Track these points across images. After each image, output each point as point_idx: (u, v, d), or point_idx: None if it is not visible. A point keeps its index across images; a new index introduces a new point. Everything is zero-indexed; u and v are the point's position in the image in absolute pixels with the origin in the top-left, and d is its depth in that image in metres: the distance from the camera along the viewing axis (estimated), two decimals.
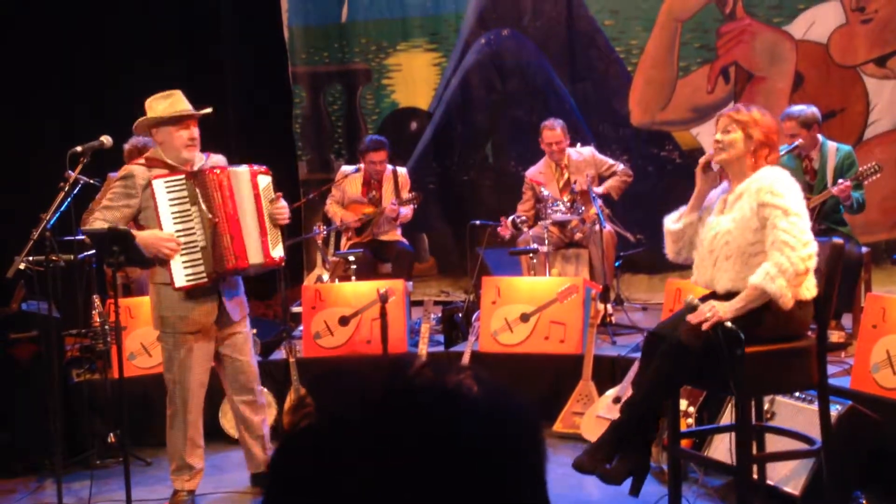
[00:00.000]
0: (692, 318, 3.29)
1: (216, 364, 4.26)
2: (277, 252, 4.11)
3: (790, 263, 3.19)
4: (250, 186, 4.08)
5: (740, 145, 3.40)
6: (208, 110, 4.10)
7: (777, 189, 3.27)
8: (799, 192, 3.33)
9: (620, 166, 6.53)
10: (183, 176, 3.97)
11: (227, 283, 4.11)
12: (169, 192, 3.93)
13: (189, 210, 3.96)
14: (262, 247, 4.06)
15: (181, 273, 3.93)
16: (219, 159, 4.21)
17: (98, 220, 3.92)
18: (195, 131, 4.04)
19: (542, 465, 0.84)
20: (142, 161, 4.08)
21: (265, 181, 4.12)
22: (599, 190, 6.33)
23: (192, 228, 3.96)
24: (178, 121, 3.98)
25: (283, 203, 4.16)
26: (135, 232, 3.93)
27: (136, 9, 7.54)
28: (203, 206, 3.96)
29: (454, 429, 0.77)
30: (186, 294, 4.00)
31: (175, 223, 3.94)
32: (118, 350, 3.90)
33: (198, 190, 3.96)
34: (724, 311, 3.24)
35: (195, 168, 4.06)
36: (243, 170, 4.12)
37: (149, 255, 3.95)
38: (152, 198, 3.92)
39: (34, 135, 7.00)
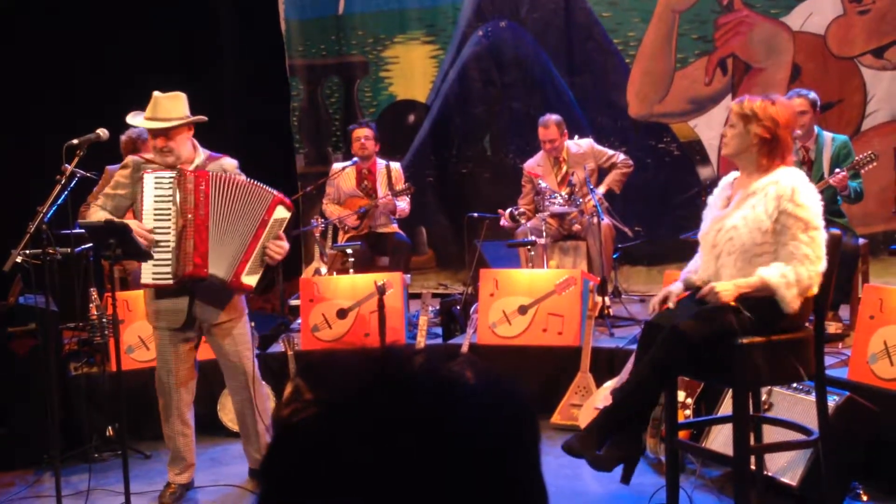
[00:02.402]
0: (699, 295, 3.32)
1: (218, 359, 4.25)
2: (250, 280, 3.99)
3: (808, 277, 3.20)
4: (264, 210, 3.97)
5: (739, 141, 3.35)
6: (177, 122, 3.95)
7: (800, 200, 3.21)
8: (818, 201, 3.29)
9: (620, 156, 6.51)
10: (173, 174, 3.93)
11: (203, 286, 4.01)
12: (156, 188, 3.92)
13: (169, 209, 3.91)
14: (235, 266, 3.94)
15: (149, 271, 3.92)
16: (227, 163, 4.12)
17: (96, 207, 3.99)
18: (166, 142, 3.94)
19: (537, 451, 0.84)
20: (145, 155, 4.10)
21: (282, 214, 4.00)
22: (601, 190, 6.33)
23: (168, 228, 3.91)
24: (150, 132, 4.01)
25: (284, 243, 4.04)
26: (114, 221, 3.88)
27: (135, 2, 7.53)
28: (180, 208, 3.91)
29: (449, 415, 0.77)
30: (158, 292, 4.02)
31: (154, 220, 3.90)
32: (116, 343, 3.90)
33: (179, 190, 3.91)
34: (725, 290, 3.23)
35: (192, 167, 4.02)
36: (266, 192, 4.00)
37: None
38: (141, 191, 3.92)
39: (30, 128, 6.99)
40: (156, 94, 4.01)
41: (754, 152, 3.33)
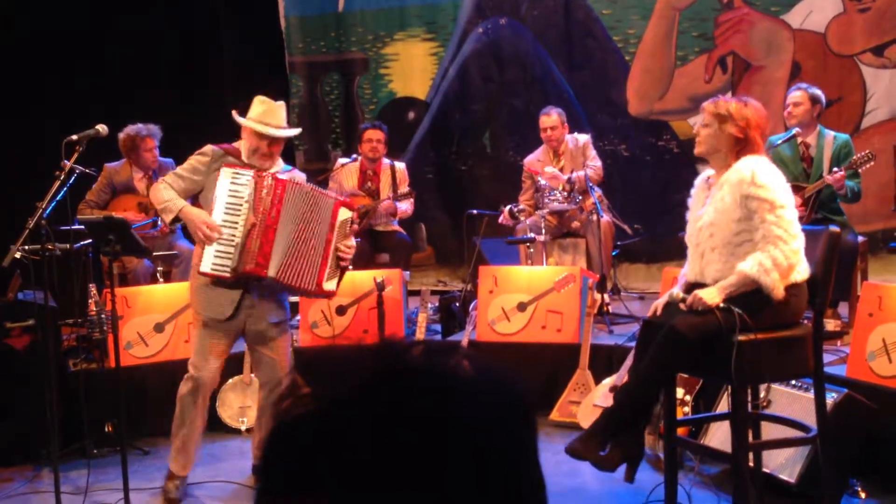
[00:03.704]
0: (686, 306, 3.32)
1: (251, 359, 4.27)
2: (330, 285, 4.11)
3: (784, 257, 3.21)
4: (329, 215, 4.09)
5: (713, 140, 3.41)
6: (293, 132, 4.25)
7: (759, 180, 3.25)
8: (782, 181, 3.33)
9: (598, 163, 6.31)
10: (251, 172, 4.00)
11: (259, 285, 4.07)
12: (232, 184, 3.98)
13: (241, 206, 3.97)
14: (317, 273, 4.03)
15: (209, 260, 3.97)
16: (298, 176, 4.24)
17: (165, 185, 4.01)
18: (277, 148, 4.12)
19: (536, 444, 0.84)
20: (223, 146, 4.15)
21: (345, 215, 4.13)
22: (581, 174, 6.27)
23: (237, 223, 3.96)
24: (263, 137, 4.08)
25: (352, 242, 4.18)
26: (187, 207, 3.98)
27: (135, 1, 7.52)
28: (253, 206, 3.97)
29: (447, 409, 0.77)
30: (212, 282, 4.03)
31: (224, 213, 3.96)
32: (114, 339, 3.90)
33: (256, 189, 3.98)
34: (710, 297, 3.26)
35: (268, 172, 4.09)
36: (328, 197, 4.15)
37: (190, 231, 4.02)
38: (216, 182, 3.98)
39: (30, 123, 6.98)
40: (263, 98, 4.16)
41: (726, 151, 3.39)
